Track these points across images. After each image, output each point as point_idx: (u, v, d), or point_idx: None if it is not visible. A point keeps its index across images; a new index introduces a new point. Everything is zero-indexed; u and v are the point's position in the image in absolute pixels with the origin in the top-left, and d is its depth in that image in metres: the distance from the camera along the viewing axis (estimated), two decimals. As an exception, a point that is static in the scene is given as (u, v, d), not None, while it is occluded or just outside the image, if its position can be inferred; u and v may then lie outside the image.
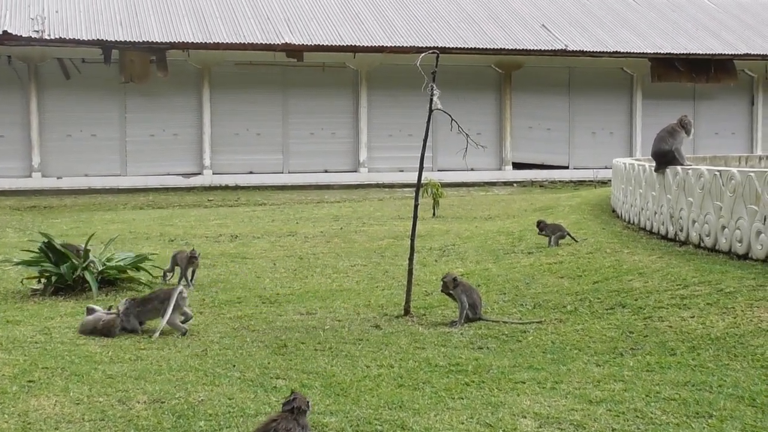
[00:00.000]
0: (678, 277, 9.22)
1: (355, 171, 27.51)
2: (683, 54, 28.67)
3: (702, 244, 10.79)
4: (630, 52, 28.40)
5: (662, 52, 28.58)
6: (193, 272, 10.65)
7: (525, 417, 5.68)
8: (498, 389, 6.29)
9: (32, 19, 25.14)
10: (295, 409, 4.90)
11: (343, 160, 27.60)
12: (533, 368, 6.81)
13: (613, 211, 15.38)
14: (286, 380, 6.56)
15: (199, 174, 26.34)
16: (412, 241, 9.01)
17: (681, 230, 11.38)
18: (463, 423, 5.58)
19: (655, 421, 5.60)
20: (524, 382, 6.45)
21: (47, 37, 24.15)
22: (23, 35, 23.94)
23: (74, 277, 10.01)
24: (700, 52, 28.84)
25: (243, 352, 7.38)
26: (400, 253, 12.53)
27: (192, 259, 10.49)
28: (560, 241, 12.37)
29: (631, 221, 13.56)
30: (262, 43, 25.61)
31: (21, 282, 10.47)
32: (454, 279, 8.54)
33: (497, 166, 28.51)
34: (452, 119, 8.93)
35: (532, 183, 27.90)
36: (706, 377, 6.42)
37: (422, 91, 8.96)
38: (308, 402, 5.06)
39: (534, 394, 6.15)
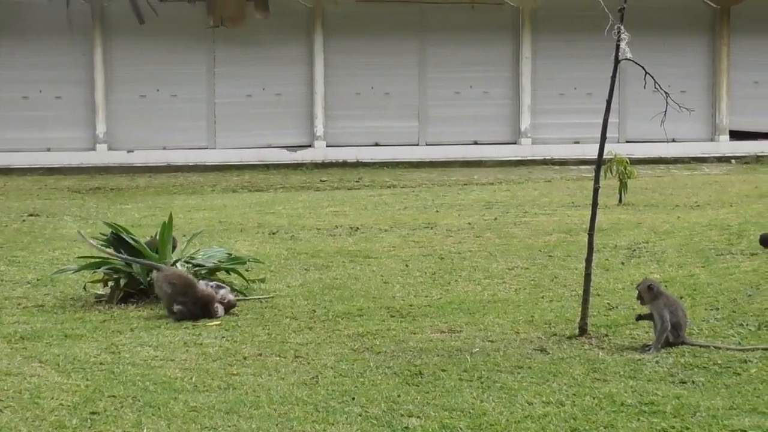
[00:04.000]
0: None
1: (515, 143, 27.36)
2: None
3: None
4: None
5: None
6: None
7: (744, 477, 5.57)
8: (707, 438, 6.20)
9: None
10: None
11: (498, 128, 27.48)
12: (758, 411, 6.66)
13: None
14: (422, 418, 6.60)
15: (309, 146, 26.68)
16: (591, 236, 8.92)
17: None
18: (658, 482, 5.52)
19: None
20: (745, 431, 6.32)
21: (116, -30, 24.89)
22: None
23: (149, 279, 10.29)
24: None
25: (365, 381, 7.46)
26: (574, 253, 12.43)
27: None
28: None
29: None
30: (391, -26, 25.76)
31: (83, 287, 10.81)
32: (654, 288, 8.42)
33: (708, 135, 27.90)
34: (646, 72, 8.79)
35: (758, 159, 27.18)
36: None
37: (605, 36, 8.84)
38: None
39: (757, 447, 6.03)
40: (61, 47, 26.05)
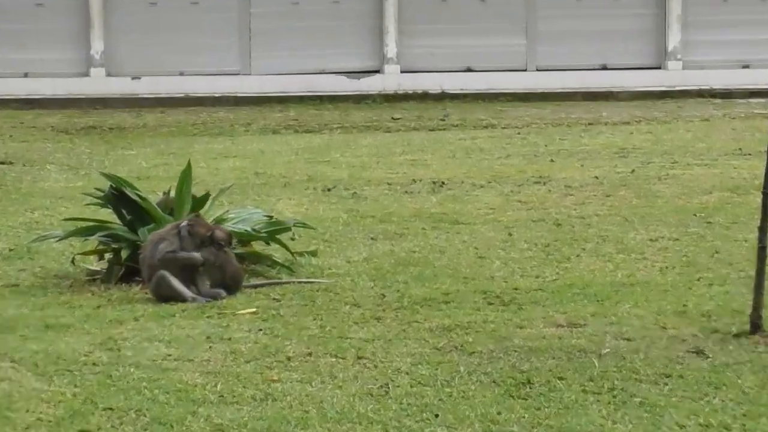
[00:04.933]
0: None
1: (659, 67, 27.22)
2: None
3: None
4: None
5: None
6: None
7: None
8: None
9: None
10: None
11: (636, 47, 27.35)
12: None
13: None
14: (531, 445, 6.58)
15: (377, 72, 26.70)
16: (766, 196, 8.79)
17: None
18: None
19: None
20: None
21: None
22: None
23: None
24: None
25: (453, 392, 7.43)
26: (743, 219, 12.37)
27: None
28: None
29: None
30: None
31: (71, 260, 10.87)
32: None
33: None
34: None
35: None
36: None
37: None
38: None
39: None
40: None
